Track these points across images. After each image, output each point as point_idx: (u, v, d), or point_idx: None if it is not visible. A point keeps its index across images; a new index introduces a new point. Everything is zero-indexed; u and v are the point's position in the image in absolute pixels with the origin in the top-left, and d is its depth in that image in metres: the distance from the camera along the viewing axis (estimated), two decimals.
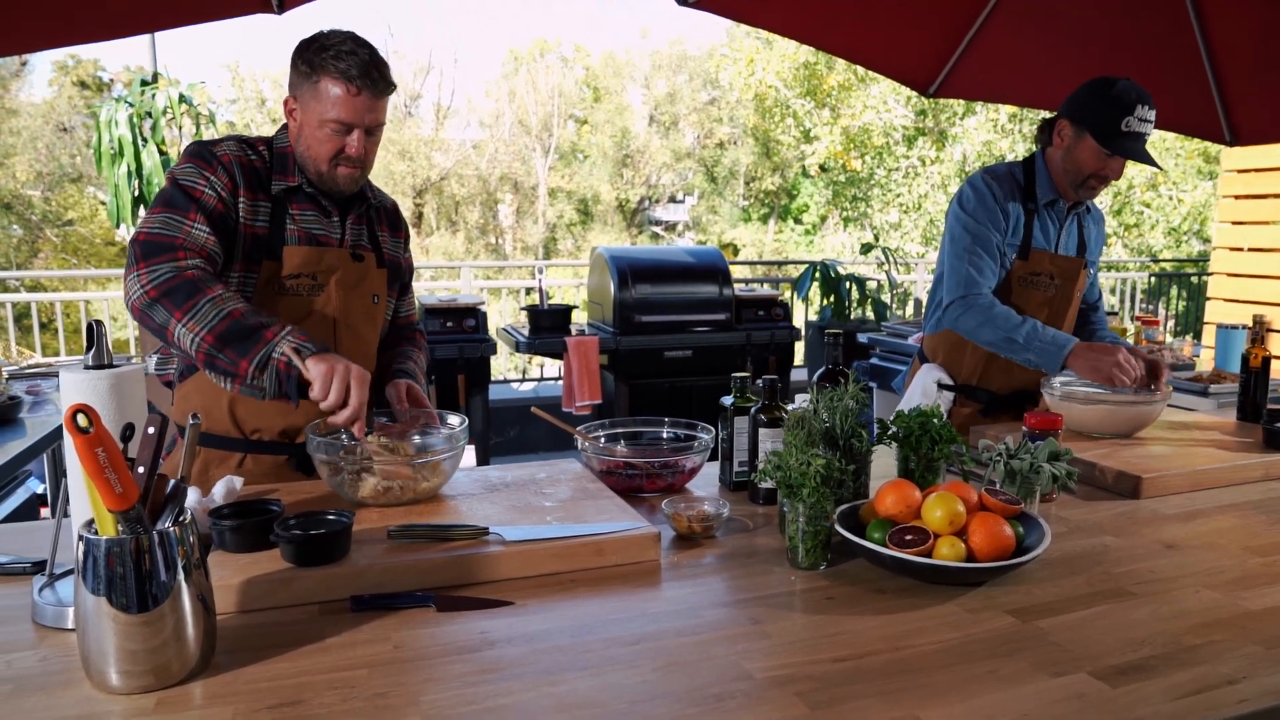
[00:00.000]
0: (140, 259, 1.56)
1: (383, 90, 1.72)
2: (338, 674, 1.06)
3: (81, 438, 0.96)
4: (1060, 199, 2.36)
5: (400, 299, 2.05)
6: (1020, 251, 2.33)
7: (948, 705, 1.01)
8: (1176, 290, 9.67)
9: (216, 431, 1.79)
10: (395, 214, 2.01)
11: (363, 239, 1.88)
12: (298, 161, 1.78)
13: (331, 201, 1.82)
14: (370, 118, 1.72)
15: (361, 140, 1.72)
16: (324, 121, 1.69)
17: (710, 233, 26.44)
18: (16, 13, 2.46)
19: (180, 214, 1.62)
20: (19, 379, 3.07)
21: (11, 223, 19.60)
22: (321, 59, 1.67)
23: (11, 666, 1.08)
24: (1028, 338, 2.19)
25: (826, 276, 6.41)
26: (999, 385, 2.43)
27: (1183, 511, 1.72)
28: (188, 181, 1.66)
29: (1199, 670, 1.09)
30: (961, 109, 13.99)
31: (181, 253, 1.57)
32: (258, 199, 1.73)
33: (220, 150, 1.72)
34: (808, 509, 1.37)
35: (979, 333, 2.27)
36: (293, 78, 1.74)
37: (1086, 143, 2.21)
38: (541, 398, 6.00)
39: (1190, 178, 13.63)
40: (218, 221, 1.66)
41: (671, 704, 1.00)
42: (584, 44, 32.75)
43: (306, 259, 1.76)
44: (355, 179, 1.78)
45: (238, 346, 1.52)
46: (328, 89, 1.68)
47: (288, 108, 1.77)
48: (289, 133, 1.79)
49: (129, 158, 5.01)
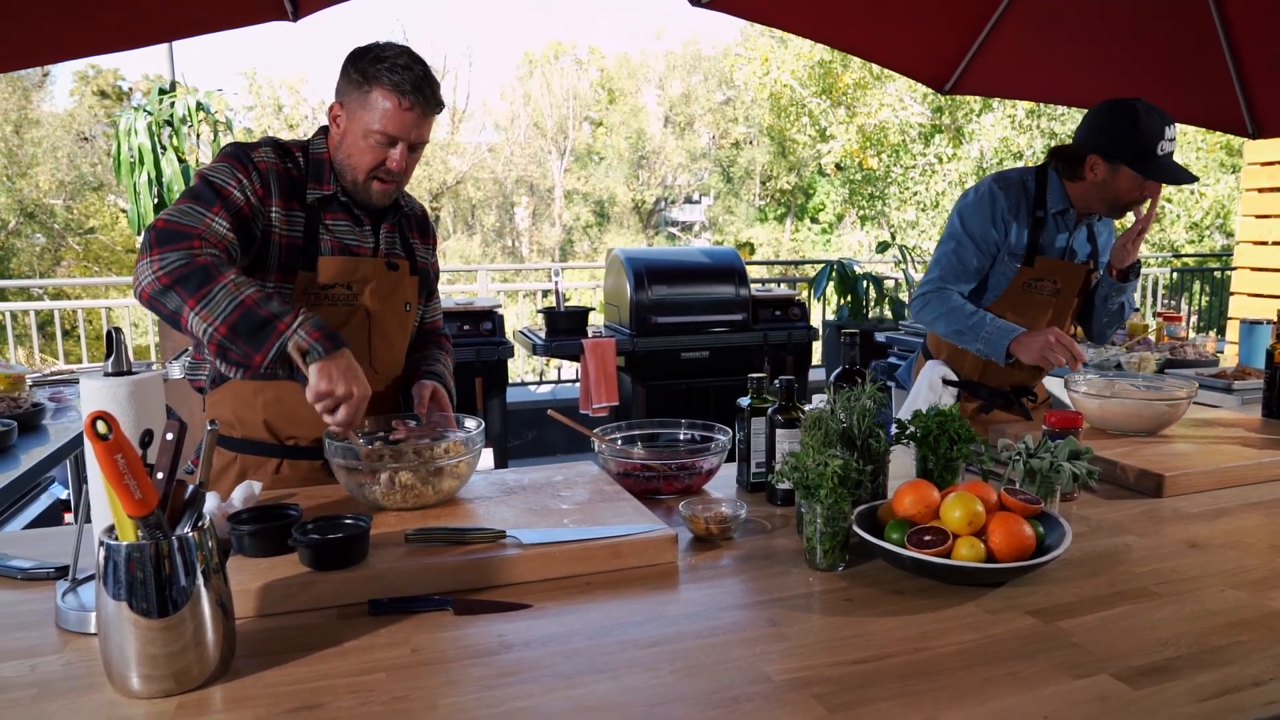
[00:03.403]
0: (155, 245, 1.52)
1: (433, 108, 1.71)
2: (357, 677, 1.07)
3: (101, 444, 0.97)
4: (1071, 209, 2.35)
5: (427, 303, 2.05)
6: (1025, 259, 2.34)
7: (968, 707, 1.00)
8: (1199, 285, 9.56)
9: (253, 438, 1.81)
10: (425, 220, 2.01)
11: (396, 247, 1.88)
12: (334, 169, 1.77)
13: (364, 211, 1.81)
14: (416, 134, 1.71)
15: (404, 155, 1.71)
16: (369, 132, 1.68)
17: (726, 233, 26.41)
18: (40, 25, 2.49)
19: (204, 207, 1.60)
20: (42, 386, 3.10)
21: (34, 231, 19.86)
22: (376, 70, 1.66)
23: (36, 670, 1.09)
24: (974, 327, 2.29)
25: (843, 275, 6.39)
26: (999, 380, 2.46)
27: (1207, 510, 1.70)
28: (218, 179, 1.65)
29: (1224, 672, 1.07)
30: (978, 105, 13.90)
31: (198, 241, 1.54)
32: (291, 208, 1.73)
33: (258, 156, 1.71)
34: (825, 510, 1.37)
35: (937, 325, 2.37)
36: (342, 84, 1.72)
37: (1124, 174, 2.20)
38: (559, 400, 6.01)
39: (1212, 171, 13.47)
40: (242, 222, 1.64)
41: (689, 706, 1.00)
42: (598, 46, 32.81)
43: (342, 269, 1.76)
44: (389, 194, 1.78)
45: (250, 339, 1.50)
46: (378, 100, 1.67)
47: (332, 114, 1.76)
48: (329, 139, 1.78)
49: (149, 165, 5.06)
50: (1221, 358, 3.63)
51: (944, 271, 2.37)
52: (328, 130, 1.79)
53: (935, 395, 2.43)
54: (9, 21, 2.43)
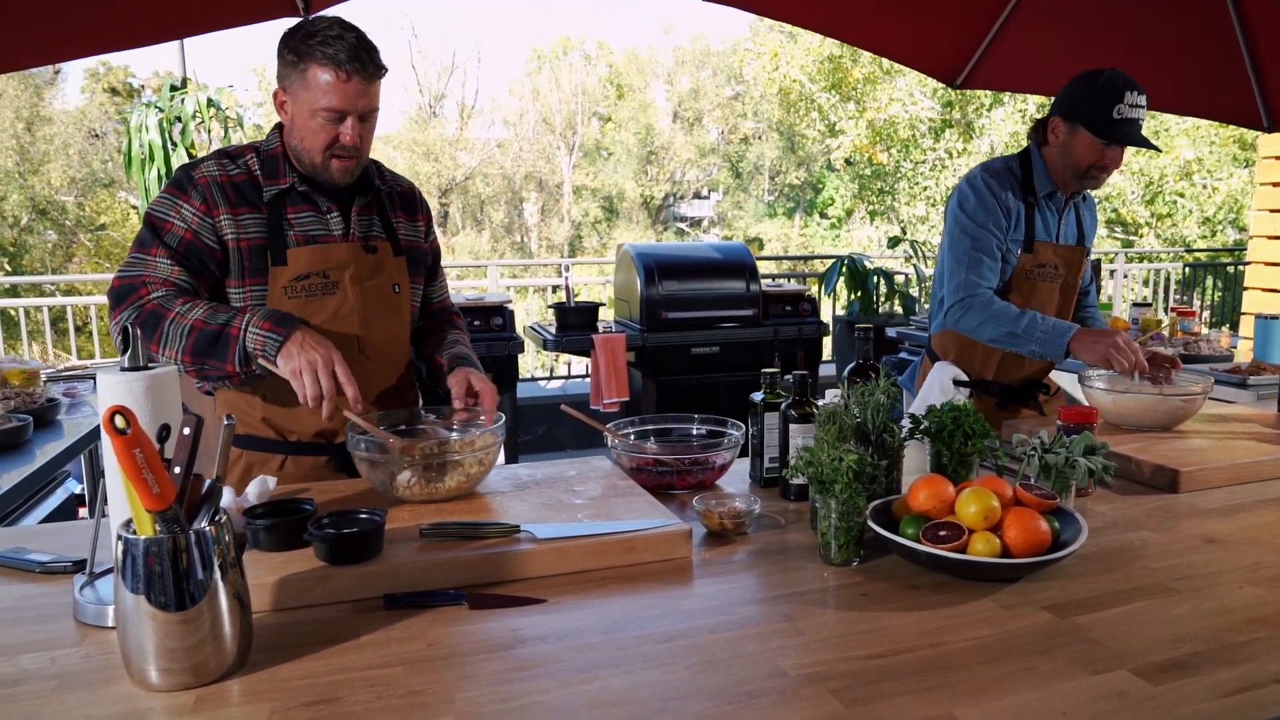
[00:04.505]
0: (113, 307, 1.64)
1: (373, 74, 1.66)
2: (373, 671, 1.07)
3: (119, 439, 0.97)
4: (1059, 190, 2.37)
5: (430, 284, 2.01)
6: (1025, 245, 2.34)
7: (984, 703, 0.99)
8: (1212, 280, 9.51)
9: (256, 435, 1.81)
10: (411, 197, 1.95)
11: (374, 229, 1.83)
12: (291, 158, 1.74)
13: (329, 197, 1.77)
14: (363, 103, 1.66)
15: (355, 128, 1.67)
16: (315, 111, 1.64)
17: (735, 228, 26.38)
18: (51, 23, 2.50)
19: (145, 251, 1.67)
20: (56, 381, 3.12)
21: (46, 228, 19.96)
22: (308, 46, 1.62)
23: (55, 663, 1.10)
24: (1028, 329, 2.22)
25: (854, 271, 6.37)
26: (1012, 376, 2.44)
27: (1223, 506, 1.69)
28: (158, 214, 1.69)
29: (1244, 668, 1.07)
30: (989, 100, 13.84)
31: (144, 289, 1.62)
32: (244, 212, 1.70)
33: (198, 173, 1.70)
34: (840, 505, 1.36)
35: (981, 331, 2.30)
36: (280, 68, 1.68)
37: (1081, 135, 2.23)
38: (569, 395, 6.01)
39: (1225, 165, 13.39)
40: (187, 250, 1.67)
41: (705, 701, 1.00)
42: (607, 41, 32.77)
43: (313, 259, 1.73)
44: (349, 170, 1.73)
45: (214, 354, 1.57)
46: (316, 76, 1.62)
47: (278, 100, 1.71)
48: (282, 131, 1.76)
49: (159, 162, 5.08)
50: (1235, 353, 3.60)
51: (969, 269, 2.30)
52: (282, 126, 1.76)
53: (946, 397, 2.41)
54: (21, 19, 2.44)
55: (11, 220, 19.19)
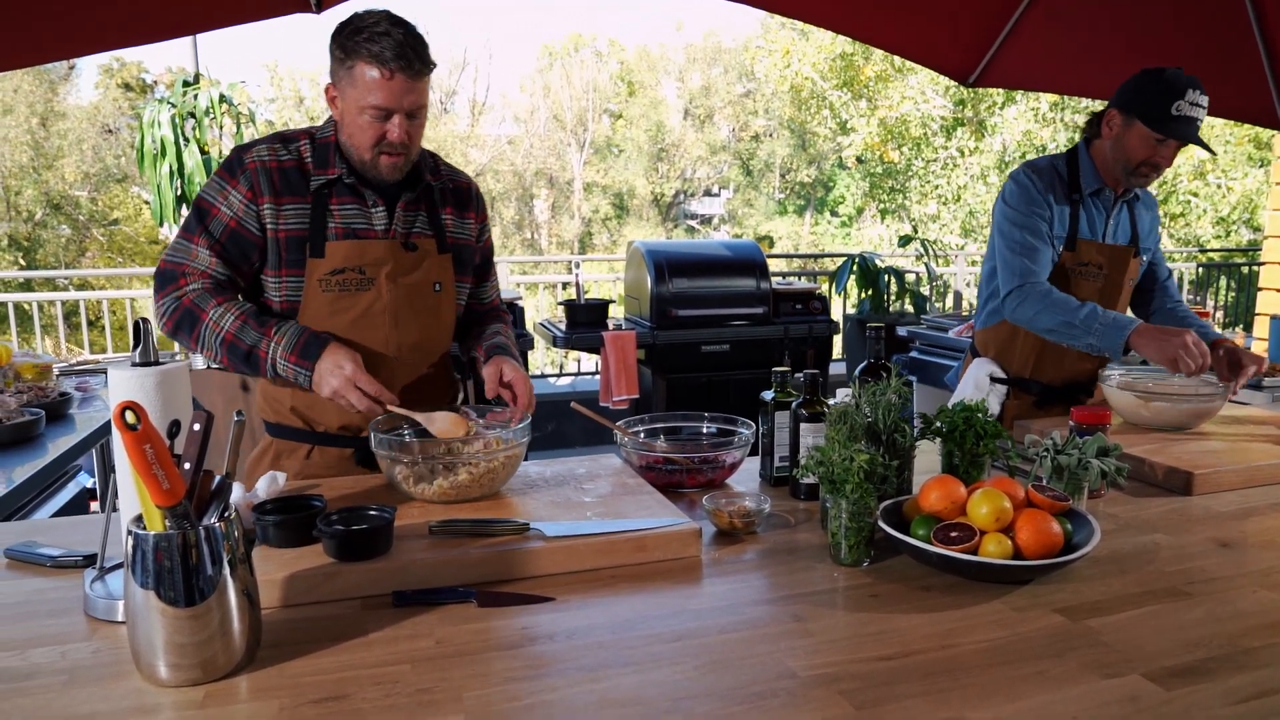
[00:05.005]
0: (156, 290, 1.71)
1: (420, 72, 1.64)
2: (381, 669, 1.07)
3: (130, 434, 0.97)
4: (1106, 188, 2.33)
5: (481, 284, 2.00)
6: (1066, 243, 2.31)
7: (995, 706, 0.99)
8: (1225, 281, 9.44)
9: (285, 424, 1.84)
10: (465, 193, 1.92)
11: (418, 225, 1.82)
12: (342, 151, 1.74)
13: (376, 191, 1.77)
14: (409, 100, 1.65)
15: (403, 125, 1.66)
16: (362, 108, 1.64)
17: (745, 226, 26.34)
18: (65, 18, 2.51)
19: (189, 238, 1.71)
20: (69, 375, 3.13)
21: (60, 223, 20.07)
22: (355, 43, 1.61)
23: (66, 657, 1.10)
24: (1086, 320, 2.14)
25: (865, 269, 6.34)
26: (1051, 376, 2.41)
27: (1237, 509, 1.68)
28: (207, 198, 1.72)
29: (1259, 674, 1.06)
30: (1001, 98, 13.76)
31: (184, 279, 1.69)
32: (287, 202, 1.71)
33: (249, 157, 1.72)
34: (851, 505, 1.36)
35: (1038, 320, 2.22)
36: (331, 64, 1.69)
37: (1136, 129, 2.19)
38: (579, 392, 6.01)
39: (1240, 165, 13.28)
40: (229, 240, 1.70)
41: (714, 702, 1.00)
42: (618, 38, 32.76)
43: (349, 254, 1.73)
44: (398, 167, 1.72)
45: (245, 366, 1.69)
46: (363, 74, 1.62)
47: (329, 96, 1.72)
48: (334, 123, 1.77)
49: (171, 157, 5.09)
50: None
51: (1026, 257, 2.24)
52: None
53: (982, 394, 2.39)
54: (34, 15, 2.45)
55: (26, 215, 19.30)
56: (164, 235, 8.11)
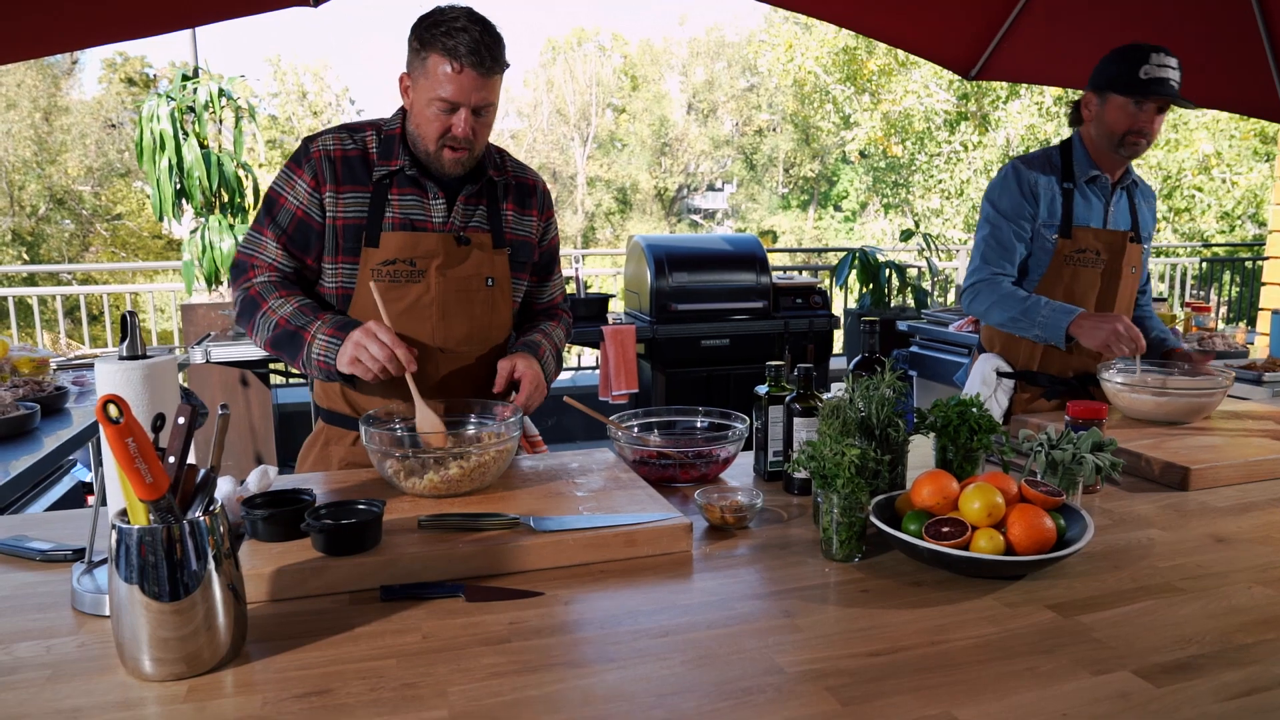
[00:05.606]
0: (231, 280, 1.81)
1: (490, 70, 1.65)
2: (367, 663, 1.06)
3: (112, 428, 0.97)
4: (1103, 174, 2.34)
5: (543, 282, 2.01)
6: (1061, 230, 2.31)
7: (984, 703, 0.98)
8: (1229, 275, 9.41)
9: (335, 410, 1.87)
10: (529, 190, 1.93)
11: (475, 220, 1.83)
12: (408, 141, 1.77)
13: (438, 184, 1.78)
14: (478, 97, 1.66)
15: (468, 121, 1.67)
16: (431, 100, 1.66)
17: (749, 220, 26.30)
18: (64, 10, 2.50)
19: (259, 230, 1.78)
20: (65, 369, 3.13)
21: (63, 217, 20.10)
22: (432, 35, 1.64)
23: (51, 652, 1.09)
24: (1030, 311, 2.22)
25: (866, 264, 6.32)
26: (1058, 368, 2.41)
27: (1234, 504, 1.66)
28: (276, 188, 1.78)
29: (1251, 670, 1.05)
30: (1005, 92, 13.72)
31: (252, 271, 1.78)
32: (347, 190, 1.74)
33: (315, 146, 1.76)
34: (842, 500, 1.35)
35: (991, 314, 2.32)
36: (407, 54, 1.71)
37: (1111, 102, 2.23)
38: (579, 386, 6.01)
39: (1245, 159, 13.23)
40: (296, 229, 1.76)
41: (700, 697, 0.99)
42: (621, 32, 32.70)
43: (402, 245, 1.75)
44: (461, 161, 1.74)
45: (287, 350, 1.72)
46: (435, 66, 1.64)
47: (402, 85, 1.75)
48: (405, 115, 1.78)
49: (169, 152, 5.08)
50: (1251, 349, 3.56)
51: (985, 256, 2.34)
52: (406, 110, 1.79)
53: (989, 389, 2.40)
54: (35, 6, 2.44)
55: (29, 210, 19.33)
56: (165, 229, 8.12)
